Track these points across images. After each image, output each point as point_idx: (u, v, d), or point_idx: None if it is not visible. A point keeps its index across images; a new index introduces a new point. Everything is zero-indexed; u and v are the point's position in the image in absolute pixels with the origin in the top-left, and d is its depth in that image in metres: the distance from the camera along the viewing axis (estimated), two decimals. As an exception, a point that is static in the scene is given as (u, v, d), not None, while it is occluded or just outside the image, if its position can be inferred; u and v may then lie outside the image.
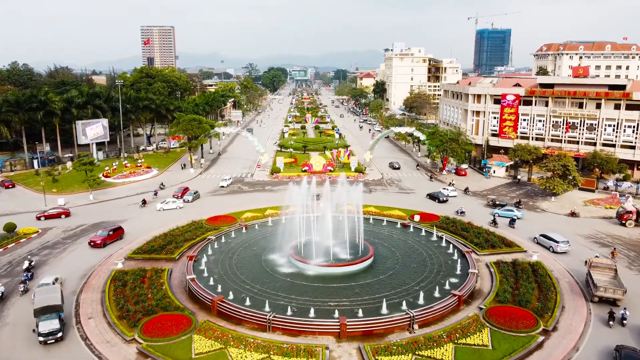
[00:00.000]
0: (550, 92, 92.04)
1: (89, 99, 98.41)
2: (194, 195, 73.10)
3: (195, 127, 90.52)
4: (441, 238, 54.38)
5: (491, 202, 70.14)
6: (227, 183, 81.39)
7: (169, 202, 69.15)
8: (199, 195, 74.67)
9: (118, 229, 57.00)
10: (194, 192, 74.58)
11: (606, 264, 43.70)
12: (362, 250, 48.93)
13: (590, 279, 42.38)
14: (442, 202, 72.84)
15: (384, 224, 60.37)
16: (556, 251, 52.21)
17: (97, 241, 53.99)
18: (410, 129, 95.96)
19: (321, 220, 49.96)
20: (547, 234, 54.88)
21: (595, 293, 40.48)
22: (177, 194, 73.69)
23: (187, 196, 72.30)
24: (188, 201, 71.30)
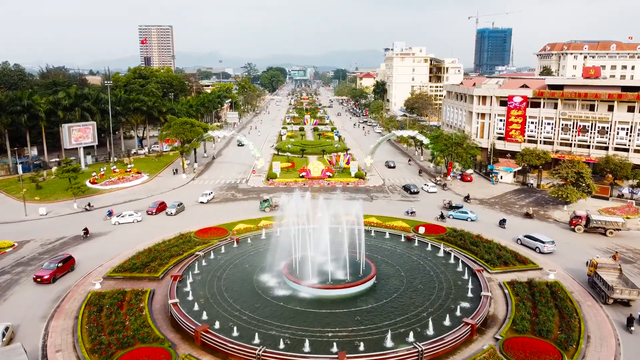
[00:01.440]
0: (560, 94, 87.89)
1: (76, 101, 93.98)
2: (177, 208, 66.33)
3: (187, 131, 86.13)
4: (449, 254, 50.13)
5: (447, 204, 69.18)
6: (206, 199, 72.06)
7: (125, 216, 62.61)
8: (183, 207, 68.06)
9: (68, 259, 47.51)
10: (177, 203, 67.44)
11: (610, 264, 43.18)
12: (363, 268, 44.72)
13: (600, 280, 41.57)
14: (412, 193, 77.82)
15: (387, 237, 56.10)
16: (543, 252, 51.37)
17: (45, 276, 44.33)
18: (413, 132, 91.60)
19: (318, 234, 45.72)
20: (531, 235, 54.01)
21: (612, 295, 39.62)
22: (151, 209, 65.69)
23: (171, 208, 65.72)
24: (171, 214, 65.14)
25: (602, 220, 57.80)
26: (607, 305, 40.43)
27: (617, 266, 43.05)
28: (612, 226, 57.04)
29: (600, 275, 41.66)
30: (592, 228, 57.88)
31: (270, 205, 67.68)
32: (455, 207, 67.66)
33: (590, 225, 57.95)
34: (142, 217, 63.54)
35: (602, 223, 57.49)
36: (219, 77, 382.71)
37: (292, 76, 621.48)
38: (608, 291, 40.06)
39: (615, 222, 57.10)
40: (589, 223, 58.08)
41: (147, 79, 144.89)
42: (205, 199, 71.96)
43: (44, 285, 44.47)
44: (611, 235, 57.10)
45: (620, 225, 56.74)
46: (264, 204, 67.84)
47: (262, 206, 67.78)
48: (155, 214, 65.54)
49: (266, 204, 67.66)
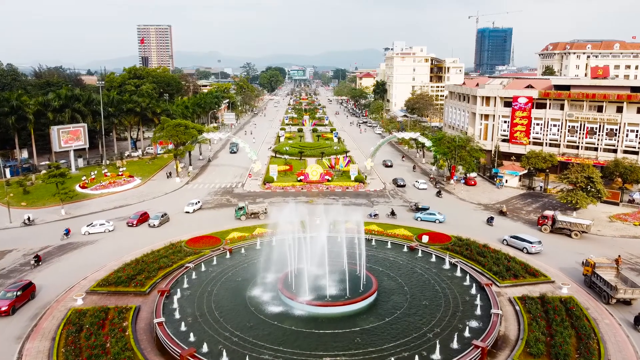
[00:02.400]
0: (567, 95, 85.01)
1: (67, 102, 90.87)
2: (161, 219, 61.11)
3: (180, 133, 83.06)
4: (455, 266, 47.18)
5: (414, 205, 68.35)
6: (193, 208, 66.66)
7: (95, 225, 58.79)
8: (167, 218, 62.94)
9: (28, 286, 41.97)
10: (161, 214, 62.20)
11: (608, 263, 43.21)
12: (363, 283, 41.78)
13: (600, 280, 41.54)
14: (400, 186, 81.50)
15: (388, 246, 53.14)
16: (530, 252, 51.24)
17: (3, 307, 38.84)
18: (415, 135, 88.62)
19: (316, 244, 42.85)
20: (517, 235, 53.95)
21: (615, 295, 39.67)
22: (132, 220, 60.81)
23: (153, 220, 60.67)
24: (154, 226, 60.06)
25: (567, 221, 57.35)
26: (609, 305, 40.32)
27: (614, 265, 43.06)
28: (577, 228, 56.54)
29: (601, 275, 41.56)
30: (557, 229, 57.75)
31: (246, 213, 62.87)
32: (422, 209, 66.41)
33: (555, 225, 57.87)
34: (114, 227, 59.62)
35: (567, 224, 57.18)
36: (217, 77, 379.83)
37: (291, 76, 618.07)
38: (611, 291, 39.93)
39: (580, 224, 56.46)
40: (555, 223, 57.88)
41: (143, 79, 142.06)
42: (191, 208, 66.72)
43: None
44: (576, 237, 56.51)
45: (585, 227, 56.16)
46: (239, 212, 62.97)
47: (238, 214, 62.92)
48: (137, 225, 60.55)
49: (242, 212, 62.81)
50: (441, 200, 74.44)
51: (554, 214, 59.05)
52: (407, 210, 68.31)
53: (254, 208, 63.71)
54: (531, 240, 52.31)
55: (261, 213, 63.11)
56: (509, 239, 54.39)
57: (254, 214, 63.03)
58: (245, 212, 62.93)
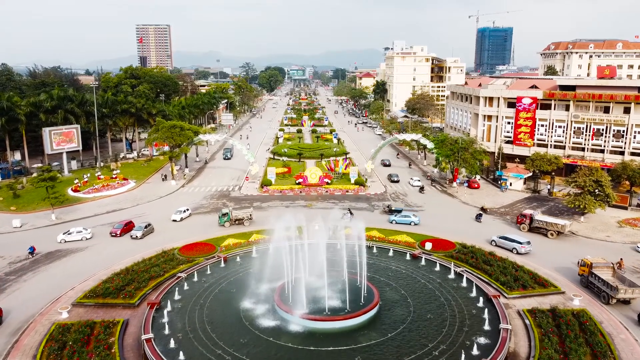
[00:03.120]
0: (572, 95, 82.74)
1: (59, 103, 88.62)
2: (144, 230, 56.73)
3: (176, 135, 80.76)
4: (460, 275, 45.00)
5: (387, 208, 66.66)
6: (180, 216, 62.69)
7: (72, 233, 55.98)
8: (152, 229, 58.46)
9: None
10: (145, 225, 57.87)
11: (604, 262, 43.28)
12: (364, 294, 39.60)
13: (599, 280, 41.55)
14: (394, 182, 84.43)
15: (390, 254, 50.94)
16: (520, 252, 51.02)
17: None
18: (416, 136, 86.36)
19: (314, 252, 40.79)
20: (506, 236, 53.84)
21: (616, 296, 39.77)
22: (115, 230, 57.11)
23: (136, 231, 56.50)
24: (137, 237, 55.80)
25: (544, 221, 57.91)
26: (609, 305, 40.26)
27: (610, 264, 43.01)
28: (553, 228, 56.95)
29: (599, 276, 41.63)
30: (534, 228, 58.36)
31: (230, 220, 60.09)
32: (395, 211, 64.64)
33: (533, 224, 58.47)
34: (92, 234, 56.83)
35: (544, 224, 57.71)
36: (216, 77, 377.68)
37: (290, 76, 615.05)
38: (611, 291, 40.06)
39: (556, 224, 56.87)
40: (532, 222, 58.55)
41: (139, 79, 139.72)
42: (179, 216, 62.69)
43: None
44: (552, 237, 56.83)
45: (561, 227, 56.43)
46: (222, 218, 60.08)
47: (221, 220, 60.05)
48: (120, 235, 56.79)
49: (225, 219, 59.96)
50: (443, 203, 72.36)
51: (532, 213, 59.49)
52: (380, 213, 66.09)
53: (238, 214, 60.70)
54: (521, 241, 52.04)
55: (246, 219, 60.45)
56: (497, 239, 53.93)
57: (238, 220, 60.23)
58: (230, 218, 60.16)
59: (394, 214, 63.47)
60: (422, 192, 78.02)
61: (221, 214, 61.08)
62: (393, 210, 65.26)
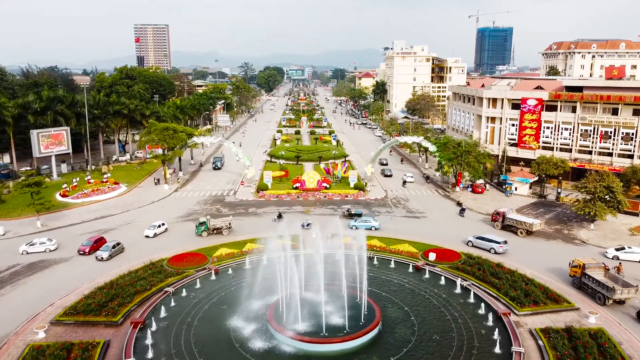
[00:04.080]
0: (579, 96, 79.97)
1: (49, 104, 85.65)
2: (111, 250, 50.54)
3: (168, 137, 77.77)
4: (467, 290, 42.16)
5: (346, 211, 64.59)
6: (153, 232, 56.69)
7: (35, 244, 52.37)
8: (121, 248, 52.26)
9: None
10: (113, 244, 51.58)
11: (596, 263, 43.31)
12: (364, 312, 36.74)
13: (593, 281, 41.43)
14: (387, 176, 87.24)
15: (392, 266, 48.05)
16: (498, 252, 51.25)
17: None
18: (418, 139, 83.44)
19: (311, 265, 38.03)
20: (483, 236, 53.80)
21: (612, 296, 39.68)
22: (84, 248, 51.50)
23: (102, 252, 50.24)
24: (102, 259, 49.53)
25: (514, 219, 59.07)
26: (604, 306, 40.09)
27: (601, 265, 43.10)
28: (522, 226, 58.03)
29: (593, 277, 41.53)
30: (506, 226, 59.57)
31: (208, 229, 56.67)
32: (355, 215, 62.71)
33: (505, 222, 59.63)
34: (57, 246, 53.14)
35: (514, 222, 58.85)
36: (215, 76, 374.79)
37: (289, 76, 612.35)
38: (607, 292, 39.98)
39: (524, 223, 57.92)
40: (504, 220, 59.71)
41: (134, 79, 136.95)
42: (152, 232, 56.76)
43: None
44: (521, 235, 57.78)
45: (529, 226, 57.43)
46: (200, 228, 56.59)
47: (198, 230, 56.59)
48: (89, 253, 51.21)
49: (203, 228, 56.47)
50: (446, 209, 69.49)
51: (505, 211, 60.48)
52: (340, 217, 63.55)
53: (216, 223, 57.25)
54: (498, 240, 52.18)
55: (224, 228, 57.17)
56: (474, 240, 53.74)
57: (216, 230, 56.91)
58: (207, 227, 56.71)
59: (354, 219, 60.93)
60: (404, 186, 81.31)
61: (198, 222, 57.46)
62: (353, 215, 62.81)
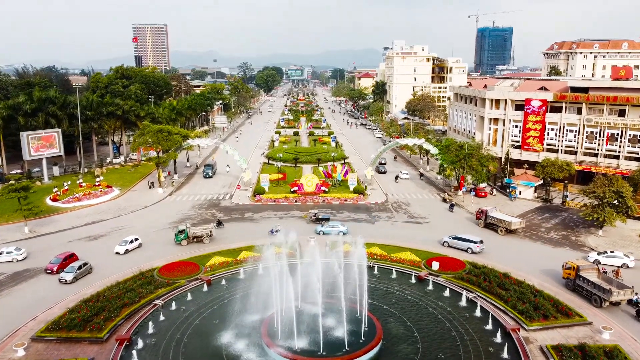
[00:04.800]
0: (585, 98, 77.83)
1: (40, 105, 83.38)
2: (77, 272, 45.08)
3: (162, 140, 75.50)
4: (473, 302, 39.98)
5: (314, 216, 62.67)
6: (124, 248, 51.53)
7: (2, 253, 49.53)
8: (89, 268, 46.88)
9: None
10: (79, 265, 46.02)
11: (589, 265, 43.20)
12: (364, 328, 34.55)
13: (589, 284, 40.98)
14: (381, 172, 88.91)
15: (393, 276, 45.84)
16: (475, 252, 51.14)
17: None
18: (419, 141, 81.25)
19: (308, 275, 35.96)
20: (459, 236, 53.62)
21: (609, 299, 39.29)
22: (51, 267, 46.54)
23: (66, 274, 44.73)
24: (66, 282, 44.22)
25: (495, 217, 59.99)
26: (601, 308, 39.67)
27: (595, 266, 42.84)
28: (502, 225, 58.81)
29: (589, 279, 41.12)
30: (489, 224, 60.48)
31: (188, 237, 54.05)
32: (323, 220, 60.76)
33: (487, 220, 60.49)
34: (25, 255, 50.19)
35: (495, 220, 59.80)
36: (214, 76, 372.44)
37: (289, 75, 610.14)
38: (604, 294, 39.51)
39: (504, 221, 58.76)
40: (487, 218, 60.64)
41: (131, 79, 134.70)
42: (123, 248, 51.58)
43: None
44: (501, 233, 58.57)
45: (507, 224, 58.35)
46: (179, 236, 53.90)
47: (178, 238, 53.88)
48: (57, 272, 46.17)
49: (182, 236, 53.79)
50: (449, 214, 67.26)
51: (487, 209, 61.30)
52: (307, 222, 61.64)
53: (196, 231, 54.57)
54: (475, 240, 52.07)
55: (205, 237, 54.60)
56: (450, 240, 53.45)
57: (196, 238, 54.37)
58: (187, 235, 54.02)
59: (322, 224, 58.93)
60: (396, 181, 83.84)
61: (177, 230, 54.52)
62: (321, 219, 60.89)
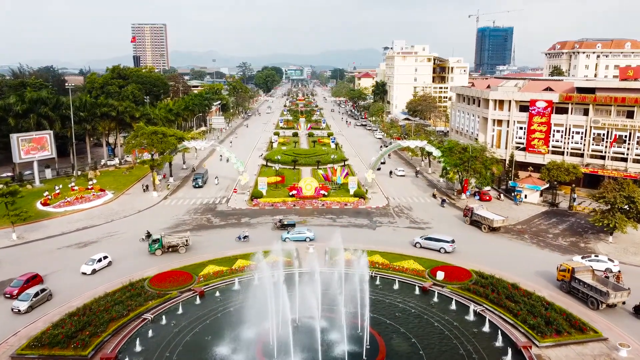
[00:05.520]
0: (592, 98, 75.67)
1: (31, 107, 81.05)
2: (32, 301, 39.49)
3: (156, 142, 73.18)
4: (481, 316, 37.78)
5: (278, 222, 60.02)
6: (91, 268, 46.03)
7: None
8: (48, 295, 41.24)
9: None
10: (37, 291, 40.45)
11: (583, 266, 42.78)
12: (367, 346, 32.38)
13: (585, 286, 40.44)
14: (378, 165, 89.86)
15: (396, 287, 43.59)
16: (448, 251, 51.16)
17: None
18: (421, 143, 78.94)
19: (307, 287, 33.86)
20: (431, 236, 53.24)
21: (607, 301, 38.70)
22: (11, 290, 41.46)
23: (20, 302, 39.33)
24: (19, 312, 38.78)
25: (479, 215, 61.40)
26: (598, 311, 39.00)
27: (589, 268, 42.49)
28: (486, 222, 60.08)
29: (584, 281, 40.70)
30: (474, 221, 61.83)
31: (162, 247, 50.85)
32: (288, 226, 58.56)
33: (473, 218, 62.00)
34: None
35: (479, 217, 61.28)
36: (213, 76, 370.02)
37: (288, 75, 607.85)
38: (601, 297, 38.99)
39: (487, 219, 60.09)
40: (472, 216, 62.13)
41: (127, 79, 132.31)
42: (90, 268, 46.09)
43: None
44: (485, 230, 59.77)
45: (490, 222, 59.59)
46: (153, 246, 50.77)
47: (152, 248, 50.71)
48: (17, 296, 40.63)
49: (156, 246, 50.71)
50: (452, 219, 65.05)
51: (473, 207, 62.74)
52: (271, 229, 59.07)
53: (171, 240, 51.45)
54: (447, 239, 51.97)
55: (181, 246, 51.54)
56: (422, 241, 52.98)
57: (171, 248, 51.34)
58: (161, 245, 50.93)
59: (287, 230, 56.87)
60: (390, 176, 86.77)
61: (151, 240, 51.44)
62: (286, 225, 58.59)
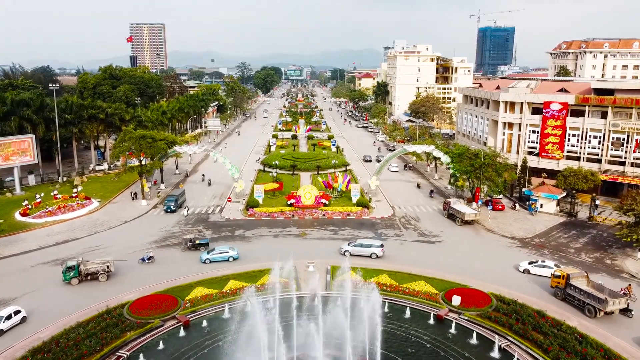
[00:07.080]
0: (611, 100, 70.88)
1: (13, 109, 76.18)
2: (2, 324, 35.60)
3: (145, 147, 68.24)
4: (506, 352, 32.86)
5: (189, 243, 52.03)
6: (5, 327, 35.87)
7: None
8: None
9: None
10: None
11: (578, 272, 41.68)
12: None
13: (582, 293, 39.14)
14: (367, 161, 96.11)
15: (407, 315, 38.58)
16: (379, 256, 49.89)
17: None
18: (429, 148, 73.96)
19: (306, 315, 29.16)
20: (361, 243, 51.55)
21: (605, 309, 37.55)
22: None
23: None
24: None
25: (455, 209, 62.83)
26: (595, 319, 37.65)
27: (584, 274, 41.45)
28: (460, 216, 61.61)
29: (580, 288, 39.50)
30: (450, 215, 63.65)
31: (78, 275, 43.80)
32: (202, 245, 51.46)
33: (449, 212, 63.78)
34: None
35: (454, 211, 62.83)
36: (211, 76, 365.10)
37: (288, 76, 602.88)
38: (599, 304, 37.73)
39: (462, 213, 61.45)
40: (449, 210, 63.82)
41: (120, 79, 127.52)
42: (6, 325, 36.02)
43: None
44: (459, 223, 61.38)
45: (463, 215, 61.11)
46: (67, 275, 43.56)
47: (66, 277, 43.57)
48: None
49: (72, 274, 43.54)
50: (464, 231, 60.15)
51: (450, 200, 64.93)
52: (182, 250, 52.13)
53: (90, 267, 44.48)
54: (377, 244, 50.99)
55: (101, 273, 44.69)
56: (351, 248, 50.59)
57: (90, 275, 44.44)
58: (77, 273, 43.82)
59: (202, 249, 50.52)
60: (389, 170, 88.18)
61: (65, 267, 44.12)
62: (198, 245, 51.53)
